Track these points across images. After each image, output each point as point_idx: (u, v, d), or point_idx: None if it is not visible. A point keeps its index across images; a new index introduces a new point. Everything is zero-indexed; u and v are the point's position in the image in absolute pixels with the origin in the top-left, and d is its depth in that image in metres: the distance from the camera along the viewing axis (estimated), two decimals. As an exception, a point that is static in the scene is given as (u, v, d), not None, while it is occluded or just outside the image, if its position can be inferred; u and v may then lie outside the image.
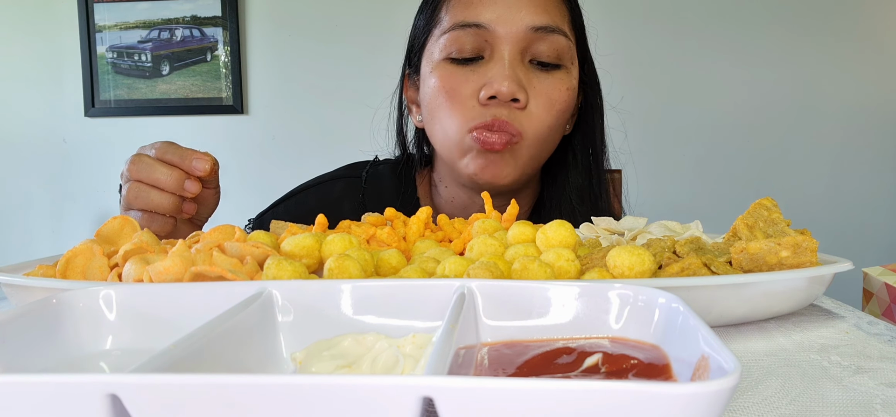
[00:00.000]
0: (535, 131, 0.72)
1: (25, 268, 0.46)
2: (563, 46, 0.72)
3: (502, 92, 0.69)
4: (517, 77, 0.70)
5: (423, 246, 0.50)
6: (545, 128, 0.73)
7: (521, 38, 0.71)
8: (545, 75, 0.73)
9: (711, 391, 0.18)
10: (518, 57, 0.71)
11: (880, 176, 2.00)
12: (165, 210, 0.62)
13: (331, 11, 2.10)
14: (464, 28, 0.71)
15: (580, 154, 0.82)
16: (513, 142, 0.71)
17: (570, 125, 0.81)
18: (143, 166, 0.61)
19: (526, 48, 0.72)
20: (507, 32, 0.70)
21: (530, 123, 0.72)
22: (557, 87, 0.73)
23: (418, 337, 0.29)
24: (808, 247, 0.42)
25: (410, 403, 0.18)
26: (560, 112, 0.73)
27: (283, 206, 0.90)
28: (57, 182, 2.24)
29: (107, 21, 2.15)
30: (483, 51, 0.72)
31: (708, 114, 2.02)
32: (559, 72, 0.73)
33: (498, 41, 0.71)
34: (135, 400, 0.18)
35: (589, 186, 0.82)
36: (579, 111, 0.82)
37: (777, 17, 1.97)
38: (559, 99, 0.73)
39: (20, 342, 0.27)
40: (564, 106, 0.73)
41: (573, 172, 0.82)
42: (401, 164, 0.88)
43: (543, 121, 0.72)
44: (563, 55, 0.73)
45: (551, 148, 0.77)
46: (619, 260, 0.41)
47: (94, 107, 2.19)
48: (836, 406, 0.29)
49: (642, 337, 0.28)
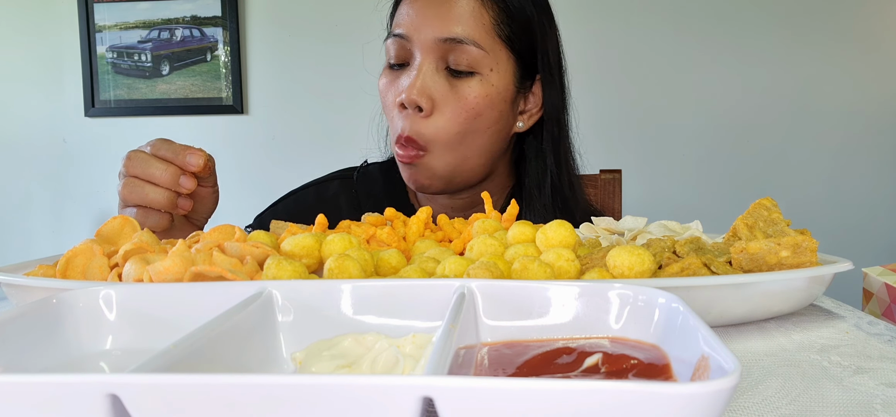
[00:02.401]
0: (444, 138, 0.76)
1: (25, 268, 0.46)
2: (475, 55, 0.75)
3: (406, 100, 0.75)
4: (424, 86, 0.75)
5: (423, 246, 0.50)
6: (455, 133, 0.76)
7: (432, 48, 0.75)
8: (458, 82, 0.76)
9: (711, 391, 0.18)
10: (433, 65, 0.76)
11: (880, 176, 2.00)
12: (160, 205, 0.63)
13: (331, 11, 2.10)
14: (392, 37, 0.79)
15: (533, 151, 0.86)
16: (418, 158, 0.77)
17: (523, 124, 0.84)
18: (138, 162, 0.63)
19: (440, 57, 0.76)
20: (422, 42, 0.76)
21: (436, 132, 0.76)
22: (468, 94, 0.76)
23: (418, 337, 0.29)
24: (807, 247, 0.42)
25: (410, 403, 0.18)
26: (469, 117, 0.76)
27: (282, 205, 0.93)
28: (57, 182, 2.24)
29: (107, 21, 2.15)
30: (408, 58, 0.78)
31: (708, 114, 2.03)
32: (472, 80, 0.76)
33: (415, 50, 0.76)
34: (135, 400, 0.18)
35: (552, 180, 0.85)
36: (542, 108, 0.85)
37: (777, 19, 1.97)
38: (470, 104, 0.76)
39: (20, 342, 0.27)
40: (476, 111, 0.76)
41: (532, 167, 0.85)
42: (389, 164, 0.92)
43: (450, 128, 0.76)
44: (478, 64, 0.76)
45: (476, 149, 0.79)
46: (619, 260, 0.41)
47: (94, 107, 2.19)
48: (836, 406, 0.29)
49: (642, 337, 0.28)
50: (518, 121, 0.84)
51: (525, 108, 0.84)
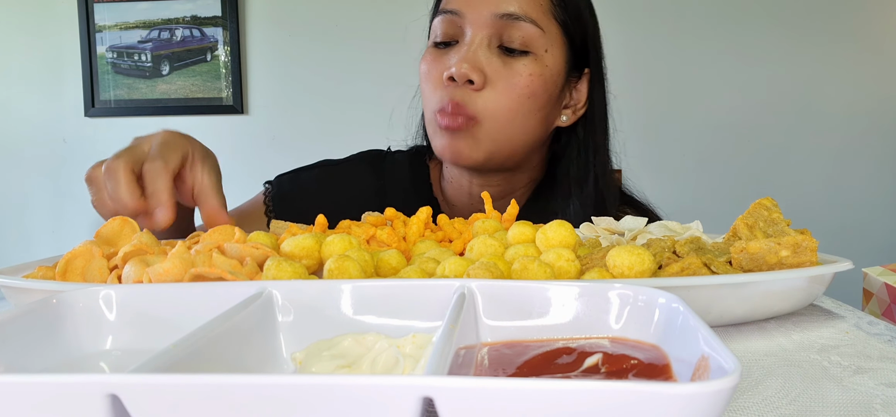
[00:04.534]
0: (493, 113, 0.75)
1: (25, 270, 0.46)
2: (532, 34, 0.74)
3: (456, 73, 0.73)
4: (476, 60, 0.74)
5: (423, 247, 0.50)
6: (505, 111, 0.75)
7: (487, 24, 0.74)
8: (511, 60, 0.75)
9: (711, 391, 0.18)
10: (485, 42, 0.74)
11: (880, 176, 2.00)
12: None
13: (331, 12, 2.10)
14: (443, 14, 0.77)
15: (579, 146, 0.84)
16: (468, 125, 0.75)
17: (568, 117, 0.82)
18: (112, 178, 0.54)
19: (494, 34, 0.74)
20: (475, 18, 0.75)
21: (486, 106, 0.74)
22: (520, 72, 0.74)
23: (418, 337, 0.29)
24: (807, 247, 0.42)
25: (410, 403, 0.18)
26: (523, 96, 0.75)
27: (307, 174, 0.92)
28: (57, 182, 2.24)
29: (107, 21, 2.15)
30: (457, 36, 0.76)
31: (708, 114, 2.03)
32: (525, 59, 0.75)
33: (468, 26, 0.75)
34: (135, 400, 0.18)
35: (589, 179, 0.83)
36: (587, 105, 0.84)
37: (777, 18, 1.97)
38: (520, 83, 0.75)
39: (20, 342, 0.27)
40: (528, 91, 0.75)
41: (574, 164, 0.84)
42: (414, 152, 0.92)
43: (501, 103, 0.74)
44: (532, 42, 0.75)
45: (523, 134, 0.78)
46: (619, 260, 0.41)
47: (94, 107, 2.19)
48: (836, 406, 0.29)
49: (642, 337, 0.28)
50: (562, 114, 0.82)
51: (569, 103, 0.82)
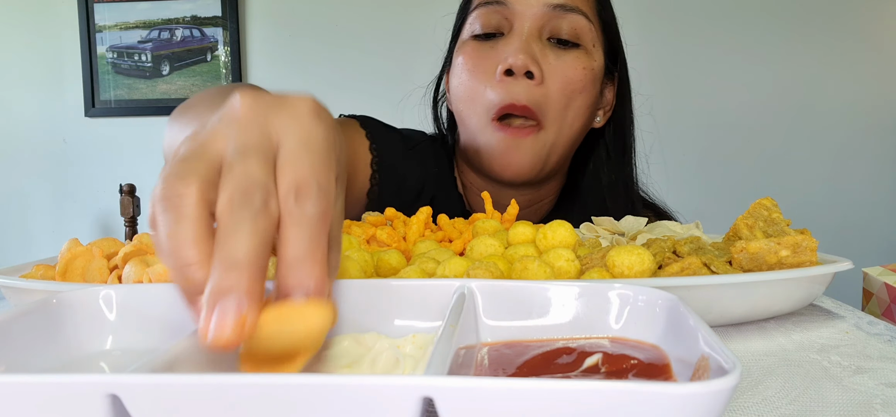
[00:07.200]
0: (555, 111, 0.71)
1: (24, 270, 0.46)
2: (583, 26, 0.72)
3: (515, 64, 0.68)
4: (531, 51, 0.70)
5: (423, 247, 0.50)
6: (561, 107, 0.71)
7: (538, 15, 0.71)
8: (563, 52, 0.72)
9: (711, 391, 0.18)
10: (535, 33, 0.71)
11: (880, 176, 2.00)
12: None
13: (331, 12, 2.10)
14: (487, 5, 0.73)
15: (612, 150, 0.81)
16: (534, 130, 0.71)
17: (600, 119, 0.80)
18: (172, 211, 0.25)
19: (544, 25, 0.71)
20: (525, 9, 0.71)
21: (548, 102, 0.70)
22: (574, 65, 0.71)
23: (418, 337, 0.29)
24: (807, 247, 0.42)
25: (410, 403, 0.18)
26: (576, 91, 0.72)
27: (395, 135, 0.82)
28: (57, 182, 2.24)
29: (107, 21, 2.15)
30: (503, 27, 0.72)
31: (708, 114, 2.02)
32: (577, 51, 0.72)
33: (516, 18, 0.71)
34: (135, 400, 0.18)
35: (620, 184, 0.81)
36: (614, 108, 0.82)
37: (777, 18, 1.97)
38: (575, 77, 0.71)
39: (20, 342, 0.27)
40: (581, 85, 0.72)
41: (605, 168, 0.81)
42: (438, 142, 0.86)
43: (559, 98, 0.71)
44: (583, 35, 0.72)
45: (571, 133, 0.74)
46: (619, 260, 0.41)
47: (95, 107, 2.19)
48: (836, 406, 0.29)
49: (642, 337, 0.28)
50: (596, 115, 0.79)
51: (601, 104, 0.79)
